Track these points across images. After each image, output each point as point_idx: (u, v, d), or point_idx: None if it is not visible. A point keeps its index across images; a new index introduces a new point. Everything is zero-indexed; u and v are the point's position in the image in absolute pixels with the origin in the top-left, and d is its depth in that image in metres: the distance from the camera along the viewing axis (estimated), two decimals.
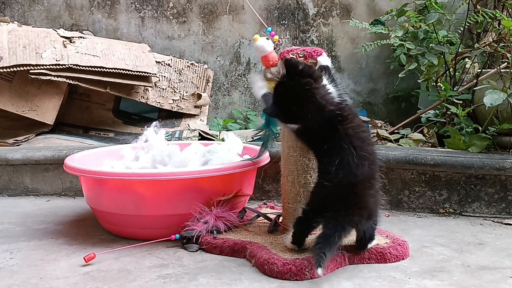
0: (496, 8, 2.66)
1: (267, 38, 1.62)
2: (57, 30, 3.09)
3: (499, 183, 1.93)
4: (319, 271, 1.28)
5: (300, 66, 1.35)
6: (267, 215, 1.80)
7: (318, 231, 1.44)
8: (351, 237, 1.59)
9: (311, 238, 1.47)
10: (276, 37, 1.61)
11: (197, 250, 1.61)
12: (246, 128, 3.23)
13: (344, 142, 1.35)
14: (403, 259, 1.51)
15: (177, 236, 1.64)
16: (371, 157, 1.39)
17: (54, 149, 2.41)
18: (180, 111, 3.24)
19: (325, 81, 1.40)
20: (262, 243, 1.55)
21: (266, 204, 2.11)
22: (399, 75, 2.87)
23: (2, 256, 1.61)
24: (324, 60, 1.56)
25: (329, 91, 1.38)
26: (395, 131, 2.79)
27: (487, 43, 2.54)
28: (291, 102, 1.35)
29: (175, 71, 3.29)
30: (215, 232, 1.63)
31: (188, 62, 3.35)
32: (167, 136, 2.88)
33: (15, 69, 2.77)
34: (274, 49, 1.62)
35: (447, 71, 2.60)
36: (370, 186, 1.39)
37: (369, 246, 1.49)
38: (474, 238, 1.73)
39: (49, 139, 2.84)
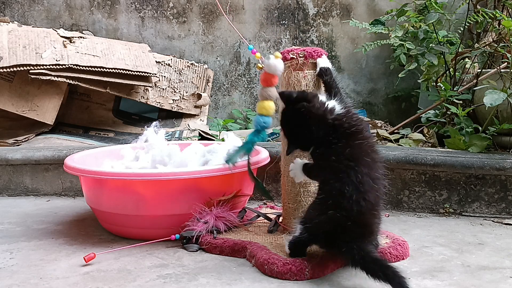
0: (496, 8, 2.66)
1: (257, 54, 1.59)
2: (57, 30, 3.09)
3: (499, 183, 1.93)
4: None
5: (294, 94, 1.39)
6: (267, 215, 1.80)
7: None
8: None
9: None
10: (258, 54, 1.60)
11: (197, 250, 1.61)
12: (246, 128, 3.23)
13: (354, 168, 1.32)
14: (403, 259, 1.51)
15: (177, 236, 1.64)
16: (381, 178, 1.36)
17: (54, 149, 2.41)
18: (180, 111, 3.24)
19: (323, 97, 1.42)
20: (262, 243, 1.55)
21: (266, 204, 2.11)
22: (399, 75, 2.87)
23: (2, 256, 1.61)
24: (323, 62, 1.56)
25: (327, 103, 1.39)
26: (395, 131, 2.79)
27: (487, 43, 2.54)
28: (297, 129, 1.38)
29: (175, 71, 3.29)
30: (215, 232, 1.63)
31: (188, 62, 3.35)
32: (167, 136, 2.88)
33: (15, 69, 2.77)
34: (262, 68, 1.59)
35: (447, 71, 2.60)
36: (377, 214, 1.37)
37: None
38: (474, 238, 1.73)
39: (49, 139, 2.84)
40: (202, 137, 2.88)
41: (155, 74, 3.04)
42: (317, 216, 1.36)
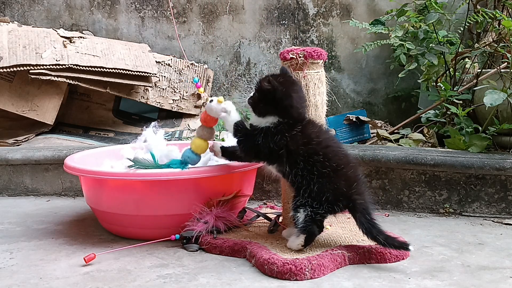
0: (496, 8, 2.66)
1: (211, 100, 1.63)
2: (57, 30, 3.09)
3: (499, 183, 1.93)
4: None
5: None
6: (267, 215, 1.80)
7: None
8: (350, 238, 1.60)
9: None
10: (202, 89, 1.69)
11: (197, 250, 1.61)
12: None
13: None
14: (403, 259, 1.51)
15: (177, 236, 1.64)
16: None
17: (54, 149, 2.41)
18: (180, 111, 3.24)
19: None
20: (262, 243, 1.55)
21: (266, 204, 2.11)
22: (399, 75, 2.87)
23: (2, 256, 1.61)
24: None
25: None
26: (395, 131, 2.79)
27: (487, 43, 2.54)
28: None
29: (175, 71, 3.29)
30: (215, 232, 1.63)
31: (188, 62, 3.35)
32: (167, 136, 2.88)
33: (15, 69, 2.77)
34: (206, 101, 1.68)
35: (447, 71, 2.60)
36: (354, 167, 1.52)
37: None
38: (474, 238, 1.73)
39: (49, 139, 2.84)
40: None
41: (155, 74, 3.04)
42: (312, 190, 1.46)
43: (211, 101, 1.60)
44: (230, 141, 2.02)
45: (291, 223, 1.55)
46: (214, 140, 1.67)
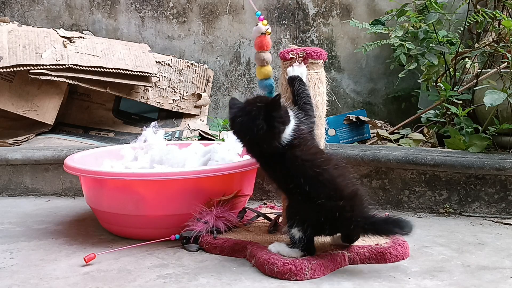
0: (496, 8, 2.66)
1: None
2: (57, 30, 3.09)
3: (499, 183, 1.93)
4: None
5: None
6: (267, 215, 1.80)
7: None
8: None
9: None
10: (265, 22, 1.65)
11: (197, 250, 1.61)
12: None
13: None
14: (403, 259, 1.51)
15: (177, 236, 1.64)
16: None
17: (54, 149, 2.41)
18: (180, 111, 3.24)
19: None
20: (262, 243, 1.55)
21: (266, 204, 2.11)
22: (399, 75, 2.87)
23: (2, 256, 1.61)
24: (295, 70, 1.54)
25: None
26: (395, 131, 2.79)
27: (487, 43, 2.54)
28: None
29: (175, 71, 3.29)
30: (215, 232, 1.63)
31: (188, 62, 3.35)
32: (167, 136, 2.88)
33: (15, 69, 2.77)
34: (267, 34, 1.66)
35: (447, 71, 2.60)
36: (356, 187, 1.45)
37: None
38: (474, 238, 1.73)
39: (49, 139, 2.84)
40: (202, 137, 2.88)
41: (155, 74, 3.04)
42: (311, 210, 1.40)
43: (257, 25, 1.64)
44: (230, 141, 2.02)
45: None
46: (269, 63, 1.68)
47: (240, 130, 1.45)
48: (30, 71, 2.77)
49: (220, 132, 2.93)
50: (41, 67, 2.79)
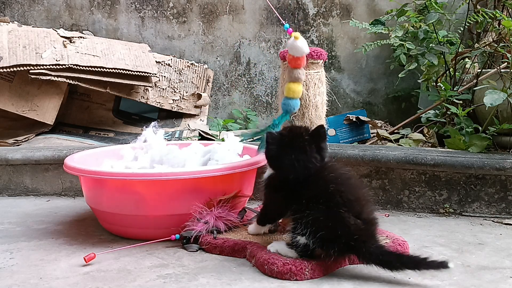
0: (496, 8, 2.66)
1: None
2: (57, 30, 3.09)
3: (499, 183, 1.93)
4: None
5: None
6: None
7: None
8: None
9: None
10: (297, 34, 1.55)
11: (197, 250, 1.61)
12: (246, 128, 3.23)
13: None
14: None
15: (177, 236, 1.64)
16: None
17: (54, 149, 2.41)
18: (180, 111, 3.24)
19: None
20: (262, 243, 1.55)
21: None
22: (399, 75, 2.87)
23: (2, 256, 1.61)
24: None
25: None
26: (395, 131, 2.79)
27: (487, 43, 2.54)
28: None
29: (175, 71, 3.29)
30: (215, 232, 1.63)
31: (188, 62, 3.35)
32: (167, 136, 2.88)
33: (15, 69, 2.77)
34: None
35: (447, 71, 2.60)
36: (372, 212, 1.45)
37: None
38: (474, 238, 1.73)
39: (49, 139, 2.84)
40: (202, 137, 2.88)
41: (155, 74, 3.04)
42: (325, 222, 1.36)
43: (289, 39, 1.55)
44: (230, 141, 2.02)
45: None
46: (303, 81, 1.60)
47: (291, 166, 1.42)
48: (30, 71, 2.77)
49: (220, 132, 2.93)
50: (41, 67, 2.79)
